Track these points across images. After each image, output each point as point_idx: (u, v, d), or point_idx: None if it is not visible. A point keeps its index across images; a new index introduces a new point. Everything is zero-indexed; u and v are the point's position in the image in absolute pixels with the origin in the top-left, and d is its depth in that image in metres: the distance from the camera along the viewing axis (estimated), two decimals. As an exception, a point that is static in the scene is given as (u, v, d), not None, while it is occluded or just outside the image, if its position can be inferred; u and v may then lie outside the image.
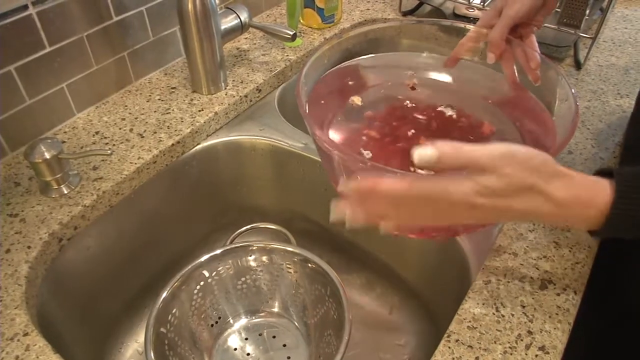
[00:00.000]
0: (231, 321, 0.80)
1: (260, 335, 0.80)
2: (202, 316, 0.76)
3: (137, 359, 0.83)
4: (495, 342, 0.54)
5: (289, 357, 0.77)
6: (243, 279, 0.79)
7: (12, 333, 0.57)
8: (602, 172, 0.43)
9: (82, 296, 0.74)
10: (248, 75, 0.94)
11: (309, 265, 0.74)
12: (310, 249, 0.75)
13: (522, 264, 0.62)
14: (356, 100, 0.64)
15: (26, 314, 0.58)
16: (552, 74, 0.59)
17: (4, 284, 0.61)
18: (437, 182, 0.40)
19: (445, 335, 0.54)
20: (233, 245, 0.77)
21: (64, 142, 0.80)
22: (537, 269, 0.61)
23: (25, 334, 0.56)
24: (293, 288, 0.78)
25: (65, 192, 0.71)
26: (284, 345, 0.78)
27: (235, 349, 0.78)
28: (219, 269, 0.76)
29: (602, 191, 0.40)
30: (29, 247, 0.65)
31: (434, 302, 0.83)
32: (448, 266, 0.72)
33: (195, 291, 0.75)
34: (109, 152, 0.71)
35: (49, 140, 0.69)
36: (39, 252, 0.65)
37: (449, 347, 0.53)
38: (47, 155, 0.68)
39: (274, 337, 0.79)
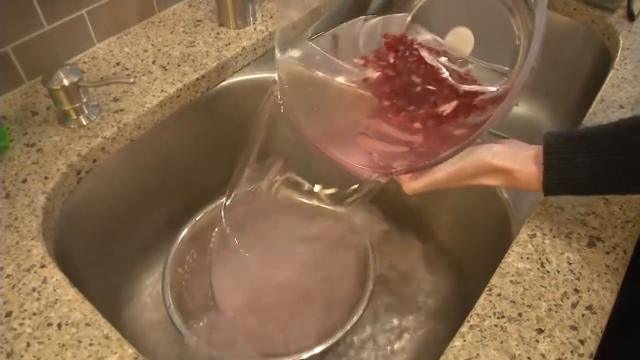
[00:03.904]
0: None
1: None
2: (220, 259, 0.74)
3: (153, 299, 0.80)
4: (539, 299, 0.50)
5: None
6: (263, 223, 0.76)
7: (29, 264, 0.54)
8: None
9: (99, 231, 0.72)
10: (278, 11, 0.89)
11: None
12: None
13: (569, 219, 0.57)
14: None
15: (43, 246, 0.56)
16: None
17: (21, 214, 0.59)
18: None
19: (487, 288, 0.51)
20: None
21: (83, 72, 0.75)
22: (585, 225, 0.57)
23: (42, 266, 0.54)
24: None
25: (84, 123, 0.68)
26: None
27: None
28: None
29: (534, 179, 0.49)
30: (46, 178, 0.62)
31: (465, 257, 0.79)
32: (484, 218, 0.68)
33: (214, 233, 0.72)
34: (131, 80, 0.67)
35: (68, 67, 0.66)
36: (56, 183, 0.62)
37: (490, 301, 0.50)
38: (66, 82, 0.64)
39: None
